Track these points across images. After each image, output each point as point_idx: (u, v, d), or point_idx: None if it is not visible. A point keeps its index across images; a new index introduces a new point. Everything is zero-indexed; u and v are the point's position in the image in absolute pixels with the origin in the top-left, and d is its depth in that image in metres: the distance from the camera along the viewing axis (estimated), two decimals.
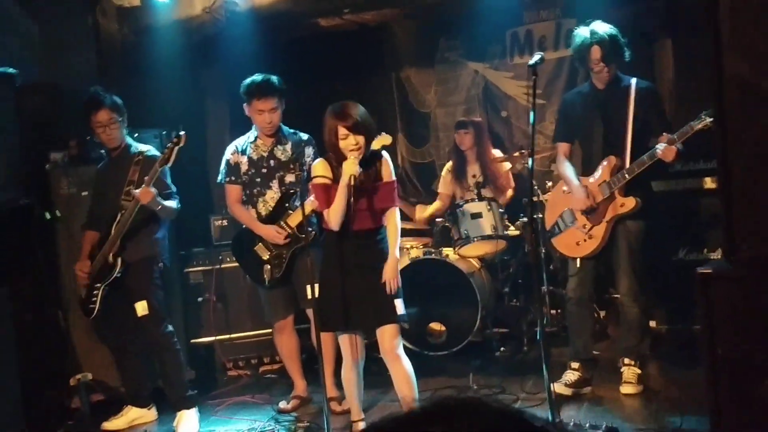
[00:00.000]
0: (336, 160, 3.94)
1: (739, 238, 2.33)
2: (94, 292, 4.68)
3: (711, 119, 3.98)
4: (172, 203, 4.72)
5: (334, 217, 3.87)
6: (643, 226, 4.47)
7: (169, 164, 4.49)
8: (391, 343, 3.96)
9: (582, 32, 4.39)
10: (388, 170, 4.05)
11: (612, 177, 4.39)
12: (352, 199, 3.78)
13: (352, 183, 3.76)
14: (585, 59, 4.37)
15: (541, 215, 5.06)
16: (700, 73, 4.62)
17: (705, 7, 2.32)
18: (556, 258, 5.66)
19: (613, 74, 4.42)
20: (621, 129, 4.36)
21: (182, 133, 4.44)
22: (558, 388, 4.57)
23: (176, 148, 4.44)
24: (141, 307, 4.64)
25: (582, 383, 4.66)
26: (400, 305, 3.93)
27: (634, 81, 4.41)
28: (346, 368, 4.07)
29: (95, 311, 4.69)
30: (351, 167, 3.79)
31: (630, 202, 4.38)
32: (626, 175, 4.33)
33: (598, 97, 4.48)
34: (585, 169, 4.58)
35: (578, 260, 4.56)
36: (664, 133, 4.21)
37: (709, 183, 5.01)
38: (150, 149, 4.80)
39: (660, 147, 4.16)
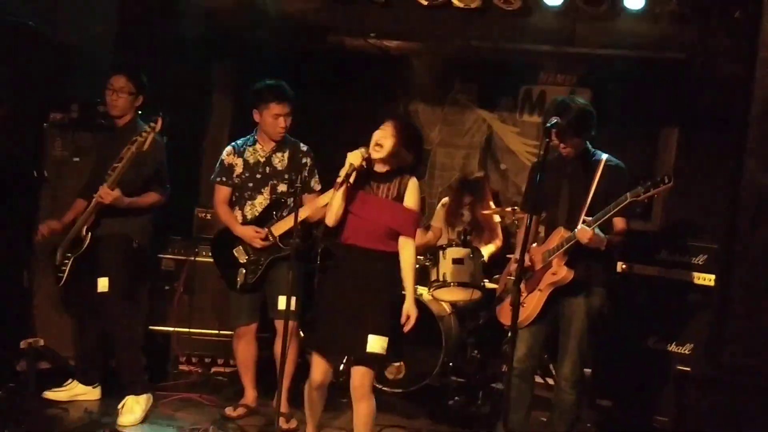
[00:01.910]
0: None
1: (725, 344, 2.34)
2: (65, 261, 4.62)
3: (644, 189, 3.91)
4: (152, 197, 4.68)
5: (330, 211, 3.79)
6: (598, 304, 4.31)
7: (144, 148, 4.40)
8: (361, 383, 3.83)
9: (553, 100, 4.38)
10: (413, 198, 3.84)
11: (552, 246, 4.29)
12: (359, 204, 3.72)
13: (350, 172, 3.66)
14: (559, 127, 4.29)
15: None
16: (702, 169, 4.70)
17: (737, 109, 2.34)
18: None
19: (580, 148, 4.35)
20: (581, 201, 4.26)
21: (158, 118, 4.37)
22: None
23: (152, 134, 4.38)
24: (102, 284, 4.58)
25: None
26: (376, 342, 3.74)
27: (605, 157, 4.33)
28: (312, 387, 3.93)
29: (62, 280, 4.63)
30: (354, 156, 3.70)
31: (562, 271, 4.19)
32: (564, 244, 4.19)
33: (567, 167, 4.43)
34: (548, 237, 4.45)
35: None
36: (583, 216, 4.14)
37: (692, 278, 5.03)
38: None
39: (579, 227, 4.09)
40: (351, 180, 3.73)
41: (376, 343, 3.73)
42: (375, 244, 3.81)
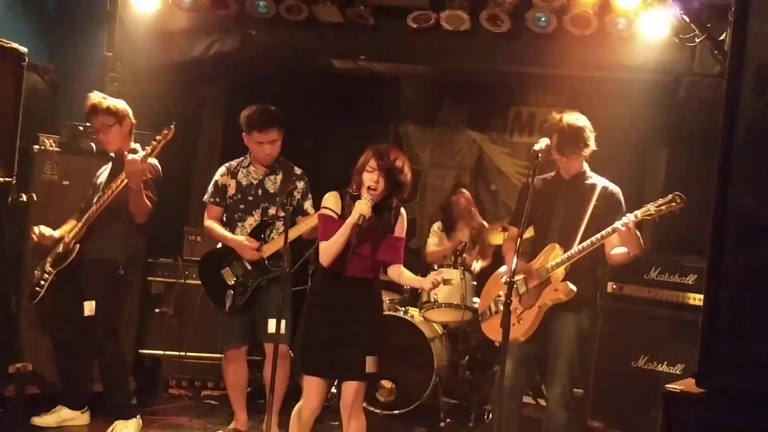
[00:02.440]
0: (351, 197, 3.88)
1: (714, 364, 2.33)
2: (45, 275, 4.60)
3: (655, 208, 3.99)
4: (147, 204, 4.62)
5: (328, 251, 3.80)
6: (586, 324, 4.36)
7: (153, 155, 4.43)
8: (355, 399, 3.88)
9: (551, 118, 4.42)
10: (402, 227, 4.00)
11: (551, 263, 4.31)
12: (355, 241, 3.73)
13: (359, 223, 3.71)
14: (556, 145, 4.36)
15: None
16: (690, 189, 4.70)
17: (721, 133, 2.35)
18: None
19: (577, 168, 4.43)
20: (577, 222, 4.30)
21: (172, 126, 4.39)
22: None
23: (164, 142, 4.39)
24: (89, 307, 4.57)
25: None
26: (372, 363, 3.82)
27: (601, 181, 4.40)
28: (304, 409, 3.93)
29: (39, 296, 4.62)
30: (363, 207, 3.74)
31: (565, 288, 4.21)
32: (565, 259, 4.23)
33: (562, 187, 4.47)
34: (536, 255, 4.47)
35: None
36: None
37: (683, 298, 5.04)
38: (153, 160, 4.69)
39: (624, 220, 4.06)
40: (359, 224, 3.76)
41: (372, 363, 3.84)
42: (364, 273, 3.91)
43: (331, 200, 3.91)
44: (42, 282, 4.60)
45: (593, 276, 4.49)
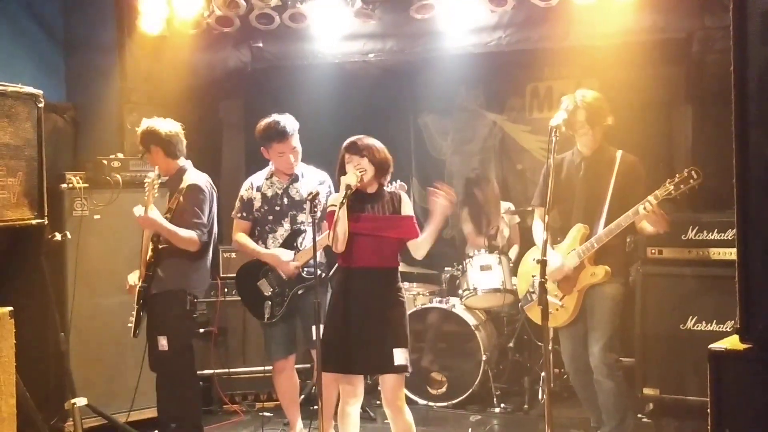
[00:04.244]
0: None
1: (754, 318, 2.30)
2: (132, 312, 4.63)
3: (674, 186, 4.06)
4: (188, 233, 4.51)
5: (336, 236, 3.84)
6: (620, 292, 4.41)
7: (150, 203, 4.44)
8: (394, 393, 3.91)
9: (568, 97, 4.42)
10: (408, 207, 4.05)
11: (581, 245, 4.36)
12: (364, 230, 3.84)
13: (348, 193, 3.80)
14: (572, 122, 4.37)
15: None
16: (718, 144, 4.64)
17: (733, 83, 2.31)
18: None
19: (599, 141, 4.43)
20: (600, 198, 4.34)
21: (156, 171, 4.53)
22: None
23: (153, 186, 4.45)
24: (161, 342, 4.57)
25: None
26: (401, 355, 3.83)
27: (620, 153, 4.40)
28: (342, 405, 3.99)
29: (132, 331, 4.60)
30: (348, 178, 3.86)
31: (600, 271, 4.32)
32: (594, 244, 4.29)
33: (583, 163, 4.48)
34: (563, 234, 4.52)
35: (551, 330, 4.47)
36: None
37: (722, 254, 4.97)
38: (199, 181, 4.66)
39: (642, 206, 4.11)
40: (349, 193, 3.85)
41: (401, 356, 3.85)
42: (380, 262, 3.94)
43: (336, 199, 3.97)
44: (131, 317, 4.63)
45: (623, 247, 4.55)
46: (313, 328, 4.39)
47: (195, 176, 4.68)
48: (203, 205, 4.60)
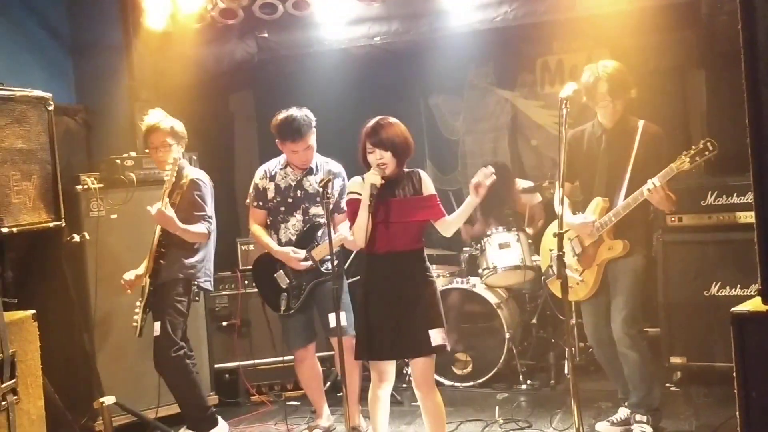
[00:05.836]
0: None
1: None
2: (136, 309, 4.68)
3: (689, 159, 4.00)
4: (198, 227, 4.63)
5: (357, 230, 3.82)
6: (642, 263, 4.36)
7: (165, 198, 4.52)
8: (425, 375, 3.87)
9: (590, 68, 4.37)
10: (430, 186, 3.97)
11: (600, 219, 4.31)
12: (389, 215, 3.77)
13: (373, 192, 3.73)
14: (593, 94, 4.32)
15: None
16: (733, 107, 4.56)
17: (742, 43, 2.27)
18: None
19: (620, 113, 4.36)
20: (621, 170, 4.28)
21: (173, 165, 4.55)
22: (602, 427, 4.54)
23: (170, 183, 4.56)
24: (155, 328, 4.64)
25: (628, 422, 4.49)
26: (437, 335, 3.78)
27: (641, 123, 4.33)
28: (372, 389, 3.97)
29: (136, 330, 4.65)
30: (372, 177, 3.77)
31: (618, 245, 4.28)
32: (612, 218, 4.25)
33: (604, 136, 4.41)
34: (583, 208, 4.47)
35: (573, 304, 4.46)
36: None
37: (743, 218, 4.91)
38: (199, 175, 4.76)
39: (647, 187, 4.08)
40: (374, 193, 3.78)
41: (437, 336, 3.80)
42: (406, 245, 3.86)
43: (356, 185, 3.92)
44: (135, 316, 4.67)
45: (645, 219, 4.48)
46: (331, 316, 4.41)
47: (194, 171, 4.82)
48: (206, 197, 4.73)
